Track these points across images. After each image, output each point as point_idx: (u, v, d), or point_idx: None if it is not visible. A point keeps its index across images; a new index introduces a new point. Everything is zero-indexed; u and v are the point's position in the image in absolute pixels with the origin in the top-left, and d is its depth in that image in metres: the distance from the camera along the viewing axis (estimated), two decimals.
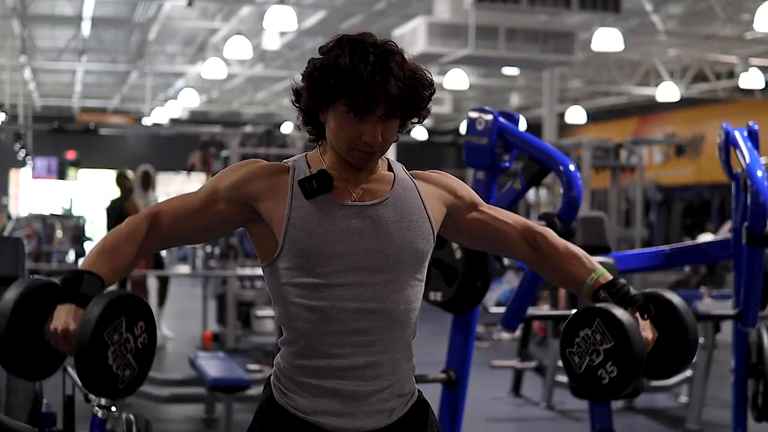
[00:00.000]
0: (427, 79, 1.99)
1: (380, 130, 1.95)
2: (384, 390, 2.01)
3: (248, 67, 18.20)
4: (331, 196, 2.00)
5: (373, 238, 1.99)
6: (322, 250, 1.96)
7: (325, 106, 1.97)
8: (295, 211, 1.98)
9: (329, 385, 1.98)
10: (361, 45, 1.93)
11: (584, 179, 11.07)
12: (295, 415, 2.00)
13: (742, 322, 4.25)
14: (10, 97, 18.76)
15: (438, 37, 10.71)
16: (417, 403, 2.08)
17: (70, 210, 16.20)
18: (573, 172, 3.81)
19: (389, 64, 1.92)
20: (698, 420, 6.23)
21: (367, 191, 2.03)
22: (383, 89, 1.91)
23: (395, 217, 2.02)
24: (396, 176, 2.08)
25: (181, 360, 7.79)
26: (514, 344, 8.48)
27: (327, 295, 1.97)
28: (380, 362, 2.00)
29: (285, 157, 11.70)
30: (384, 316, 1.99)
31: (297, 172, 2.02)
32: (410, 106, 1.97)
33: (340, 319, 1.97)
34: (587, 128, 22.29)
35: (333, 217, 1.98)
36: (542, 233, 2.19)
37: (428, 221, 2.06)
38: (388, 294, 1.99)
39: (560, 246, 2.19)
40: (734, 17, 13.76)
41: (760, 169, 4.09)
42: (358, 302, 1.97)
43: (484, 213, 2.18)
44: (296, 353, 2.01)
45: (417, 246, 2.03)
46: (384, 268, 1.99)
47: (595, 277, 2.14)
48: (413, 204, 2.05)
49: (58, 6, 15.11)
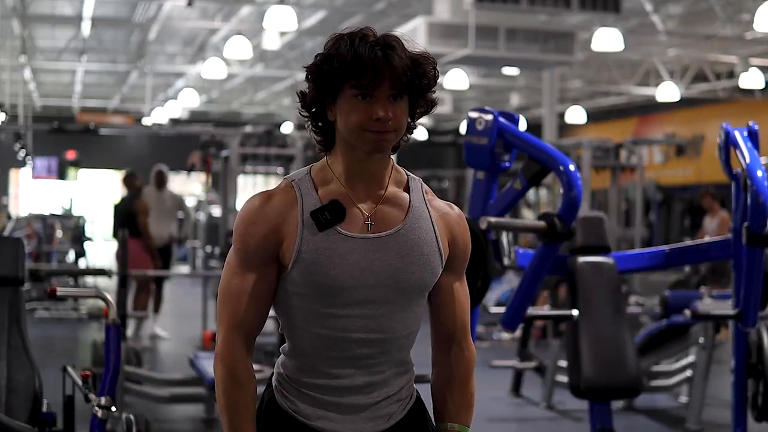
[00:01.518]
0: (430, 58, 1.97)
1: (391, 109, 1.92)
2: (382, 400, 2.04)
3: (248, 67, 18.20)
4: (342, 227, 1.97)
5: (382, 273, 1.97)
6: (332, 284, 1.95)
7: (332, 97, 1.95)
8: (305, 244, 1.95)
9: (329, 398, 2.01)
10: (360, 33, 1.95)
11: (584, 179, 11.06)
12: (296, 419, 2.02)
13: (742, 322, 4.25)
14: (10, 97, 18.76)
15: (438, 37, 10.71)
16: (415, 406, 2.10)
17: (70, 210, 16.19)
18: (573, 172, 3.81)
19: (391, 43, 1.93)
20: (698, 420, 6.23)
21: (380, 216, 2.00)
22: (387, 63, 1.90)
23: (406, 250, 1.99)
24: (411, 200, 2.03)
25: (181, 360, 7.78)
26: (514, 344, 8.47)
27: (332, 324, 1.97)
28: (379, 381, 2.02)
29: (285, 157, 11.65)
30: (385, 343, 2.00)
31: (305, 198, 1.98)
32: (416, 81, 1.94)
33: (342, 346, 1.98)
34: (587, 128, 22.29)
35: (343, 252, 1.96)
36: (466, 355, 2.12)
37: (439, 254, 2.03)
38: (392, 324, 2.00)
39: (462, 380, 2.12)
40: (734, 17, 13.77)
41: (760, 169, 4.10)
42: (362, 333, 1.98)
43: (453, 287, 2.10)
44: (297, 368, 2.03)
45: (426, 281, 2.02)
46: (391, 300, 1.99)
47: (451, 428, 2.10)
48: (425, 236, 2.01)
49: (58, 6, 15.12)
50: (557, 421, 6.58)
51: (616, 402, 6.01)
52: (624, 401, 6.60)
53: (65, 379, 3.72)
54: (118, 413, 3.70)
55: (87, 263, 14.10)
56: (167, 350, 9.23)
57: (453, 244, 2.07)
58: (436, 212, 2.05)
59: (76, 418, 3.72)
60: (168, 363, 8.48)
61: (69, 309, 11.14)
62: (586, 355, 4.31)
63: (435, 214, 2.05)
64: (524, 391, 7.24)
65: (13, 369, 3.50)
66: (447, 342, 2.12)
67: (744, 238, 4.09)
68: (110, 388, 3.43)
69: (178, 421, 6.36)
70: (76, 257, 13.26)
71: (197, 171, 11.21)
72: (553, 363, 6.78)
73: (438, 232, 2.03)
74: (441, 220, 2.05)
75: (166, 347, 9.36)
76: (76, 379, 3.60)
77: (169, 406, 6.46)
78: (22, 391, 3.47)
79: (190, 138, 15.59)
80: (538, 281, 4.06)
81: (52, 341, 9.20)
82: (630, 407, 6.74)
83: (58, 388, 3.74)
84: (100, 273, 7.54)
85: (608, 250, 4.69)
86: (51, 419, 3.55)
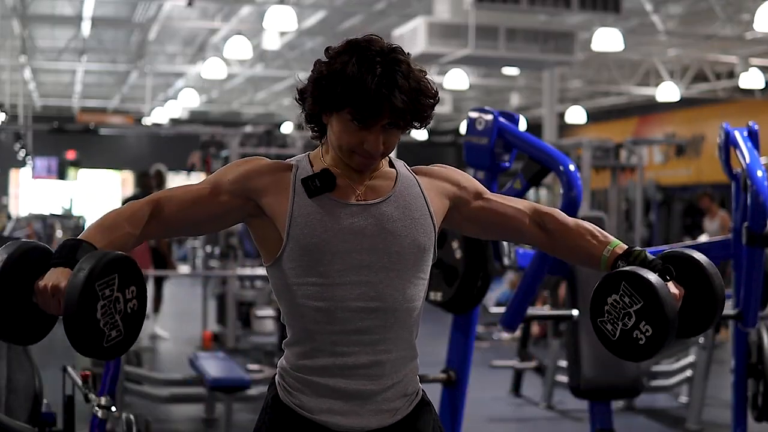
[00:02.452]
0: (431, 90, 2.00)
1: (382, 138, 1.98)
2: (388, 389, 2.03)
3: (248, 67, 18.20)
4: (333, 195, 2.02)
5: (375, 236, 2.01)
6: (326, 248, 1.98)
7: (329, 111, 2.00)
8: (297, 208, 2.00)
9: (334, 383, 2.00)
10: (368, 53, 1.94)
11: (584, 179, 11.06)
12: (300, 414, 2.02)
13: (742, 322, 4.25)
14: (10, 97, 18.75)
15: (438, 37, 10.71)
16: (420, 404, 2.10)
17: (70, 210, 16.20)
18: (573, 172, 3.81)
19: (395, 75, 1.93)
20: (698, 420, 6.23)
21: (370, 189, 2.05)
22: (388, 102, 1.93)
23: (398, 214, 2.03)
24: (398, 173, 2.10)
25: (181, 360, 7.79)
26: (514, 344, 8.48)
27: (331, 294, 1.98)
28: (384, 361, 2.01)
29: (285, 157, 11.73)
30: (387, 314, 2.00)
31: (300, 170, 2.04)
32: (414, 117, 1.99)
33: (343, 318, 1.98)
34: (587, 128, 22.29)
35: (336, 215, 2.00)
36: (550, 213, 2.18)
37: (430, 217, 2.07)
38: (390, 292, 2.01)
39: (570, 223, 2.18)
40: (734, 17, 13.76)
41: (760, 169, 4.09)
42: (361, 301, 1.99)
43: (490, 201, 2.18)
44: (301, 353, 2.03)
45: (419, 242, 2.04)
46: (387, 266, 2.01)
47: (611, 248, 2.12)
48: (415, 201, 2.07)
49: (58, 6, 15.11)
50: (557, 421, 6.58)
51: (616, 402, 6.01)
52: (624, 401, 6.61)
53: (65, 379, 3.72)
54: (118, 413, 3.69)
55: None
56: (167, 350, 9.24)
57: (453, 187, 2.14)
58: (421, 177, 2.12)
59: (76, 418, 3.72)
60: (168, 363, 8.49)
61: None
62: (586, 355, 4.31)
63: (421, 180, 2.11)
64: (524, 391, 7.25)
65: (13, 369, 3.50)
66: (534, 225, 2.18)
67: (744, 238, 4.09)
68: (110, 388, 3.44)
69: (178, 421, 6.36)
70: None
71: (197, 171, 11.18)
72: (553, 363, 6.79)
73: (427, 196, 2.08)
74: (428, 182, 2.11)
75: (166, 347, 9.37)
76: (76, 379, 3.60)
77: (169, 406, 6.46)
78: (22, 391, 3.47)
79: (190, 138, 15.59)
80: (538, 281, 4.06)
81: (52, 341, 9.14)
82: (630, 407, 6.74)
83: (58, 388, 3.74)
84: None
85: None
86: (51, 419, 3.55)
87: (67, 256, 1.86)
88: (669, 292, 2.00)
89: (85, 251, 1.87)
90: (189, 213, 2.04)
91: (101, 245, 1.91)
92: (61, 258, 1.86)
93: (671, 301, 2.00)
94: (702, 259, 2.12)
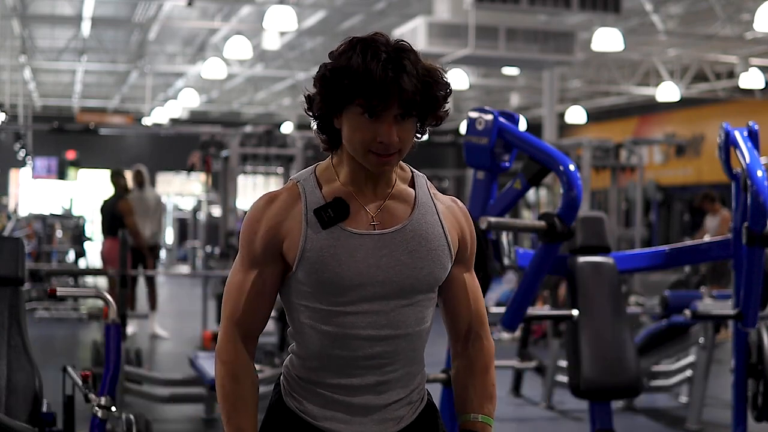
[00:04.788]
0: (441, 78, 1.92)
1: (396, 130, 1.88)
2: (394, 402, 2.00)
3: (248, 67, 18.21)
4: (347, 225, 1.93)
5: (390, 269, 1.93)
6: (338, 283, 1.92)
7: (338, 110, 1.91)
8: (310, 242, 1.92)
9: (339, 398, 1.97)
10: (372, 44, 1.88)
11: (584, 179, 11.06)
12: (303, 419, 1.99)
13: (742, 322, 4.25)
14: (10, 97, 18.76)
15: (438, 37, 10.71)
16: (425, 408, 2.07)
17: (70, 210, 16.20)
18: (573, 172, 3.81)
19: (402, 62, 1.87)
20: (698, 420, 6.23)
21: (386, 212, 1.97)
22: (397, 86, 1.85)
23: (414, 245, 1.96)
24: (417, 196, 2.01)
25: (181, 360, 7.79)
26: (514, 344, 8.47)
27: (340, 322, 1.93)
28: (391, 380, 1.98)
29: (285, 157, 11.65)
30: (398, 340, 1.96)
31: (309, 197, 1.95)
32: (425, 104, 1.90)
33: (353, 345, 1.94)
34: (587, 128, 22.29)
35: (349, 249, 1.92)
36: (485, 345, 2.11)
37: (447, 248, 2.00)
38: (402, 319, 1.96)
39: (484, 370, 2.10)
40: (734, 17, 13.76)
41: (760, 169, 4.09)
42: (372, 329, 1.94)
43: (465, 279, 2.08)
44: (307, 368, 1.99)
45: (435, 275, 1.98)
46: (400, 296, 1.95)
47: (478, 419, 2.08)
48: (433, 230, 1.98)
49: (58, 6, 15.12)
50: (557, 421, 6.58)
51: (616, 402, 6.01)
52: (624, 401, 6.60)
53: (65, 379, 3.72)
54: (118, 413, 3.69)
55: (87, 263, 14.12)
56: (167, 350, 9.23)
57: (461, 236, 2.04)
58: (442, 205, 2.03)
59: (76, 418, 3.72)
60: (168, 363, 8.48)
61: (69, 309, 11.14)
62: (586, 355, 4.30)
63: (441, 207, 2.02)
64: (524, 391, 7.24)
65: (13, 369, 3.50)
66: (465, 334, 2.10)
67: (744, 238, 4.08)
68: (110, 388, 3.43)
69: (178, 421, 6.36)
70: (76, 257, 13.27)
71: (197, 171, 11.19)
72: (553, 363, 6.78)
73: (445, 226, 2.00)
74: (448, 213, 2.03)
75: (166, 347, 9.37)
76: (76, 379, 3.60)
77: (169, 406, 6.46)
78: (22, 391, 3.47)
79: (190, 138, 15.59)
80: (538, 281, 4.05)
81: (52, 341, 9.20)
82: (630, 407, 6.74)
83: (58, 388, 3.74)
84: (100, 273, 7.56)
85: (608, 250, 4.68)
86: (51, 419, 3.54)
87: None
88: None
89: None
90: (263, 309, 2.01)
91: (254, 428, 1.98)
92: None
93: None
94: None
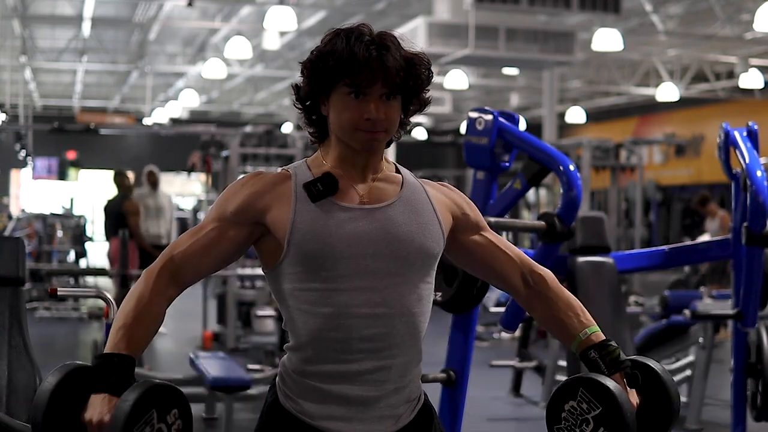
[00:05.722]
0: (425, 59, 1.99)
1: (383, 109, 1.94)
2: (392, 395, 1.98)
3: (248, 67, 18.22)
4: (336, 199, 1.96)
5: (381, 241, 1.95)
6: (329, 253, 1.92)
7: (325, 93, 1.97)
8: (300, 215, 1.94)
9: (336, 390, 1.95)
10: (356, 30, 1.96)
11: (584, 179, 11.07)
12: (300, 420, 1.97)
13: (741, 322, 4.26)
14: (11, 97, 18.77)
15: (438, 37, 10.72)
16: (423, 408, 2.06)
17: (71, 210, 16.20)
18: (573, 172, 3.81)
19: (386, 42, 1.95)
20: (698, 419, 6.23)
21: (375, 191, 2.01)
22: (381, 63, 1.92)
23: (404, 219, 1.98)
24: (404, 179, 2.05)
25: (181, 360, 7.79)
26: (514, 344, 8.47)
27: (335, 301, 1.93)
28: (389, 366, 1.97)
29: (285, 157, 11.66)
30: (394, 321, 1.95)
31: (299, 177, 2.00)
32: (409, 83, 1.96)
33: (348, 325, 1.93)
34: (587, 128, 22.30)
35: (340, 220, 1.94)
36: (542, 275, 2.14)
37: (438, 224, 2.02)
38: (398, 298, 1.95)
39: (558, 293, 2.13)
40: (734, 17, 13.77)
41: (759, 169, 4.10)
42: (367, 308, 1.93)
43: (487, 239, 2.13)
44: (303, 359, 1.98)
45: (427, 248, 1.99)
46: (393, 271, 1.95)
47: (588, 333, 2.09)
48: (423, 206, 2.02)
49: (58, 6, 15.12)
50: None
51: None
52: None
53: None
54: None
55: (87, 263, 14.12)
56: (167, 350, 9.23)
57: (455, 209, 2.09)
58: (431, 188, 2.08)
59: None
60: (168, 363, 8.49)
61: (70, 309, 11.15)
62: None
63: (430, 189, 2.07)
64: (524, 391, 7.25)
65: (14, 369, 3.50)
66: (523, 280, 2.13)
67: (744, 238, 4.09)
68: None
69: None
70: (76, 257, 13.27)
71: (197, 171, 11.19)
72: (553, 363, 6.79)
73: (435, 205, 2.04)
74: (437, 193, 2.08)
75: (166, 347, 9.37)
76: None
77: None
78: (22, 390, 3.47)
79: (190, 138, 15.59)
80: None
81: (52, 341, 9.21)
82: None
83: None
84: (100, 273, 7.56)
85: (608, 250, 4.69)
86: None
87: (103, 379, 1.89)
88: (628, 398, 1.99)
89: (118, 368, 1.89)
90: (204, 262, 2.00)
91: (132, 348, 1.92)
92: (98, 383, 1.89)
93: (630, 408, 1.98)
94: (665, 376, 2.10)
